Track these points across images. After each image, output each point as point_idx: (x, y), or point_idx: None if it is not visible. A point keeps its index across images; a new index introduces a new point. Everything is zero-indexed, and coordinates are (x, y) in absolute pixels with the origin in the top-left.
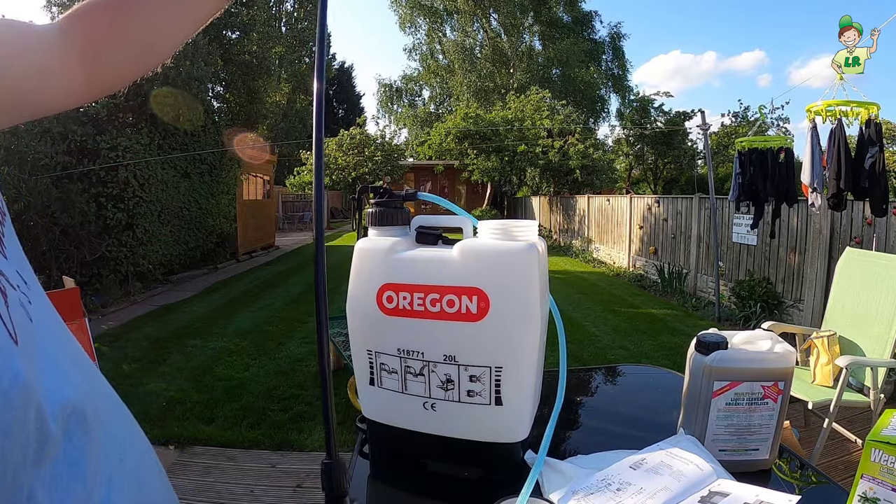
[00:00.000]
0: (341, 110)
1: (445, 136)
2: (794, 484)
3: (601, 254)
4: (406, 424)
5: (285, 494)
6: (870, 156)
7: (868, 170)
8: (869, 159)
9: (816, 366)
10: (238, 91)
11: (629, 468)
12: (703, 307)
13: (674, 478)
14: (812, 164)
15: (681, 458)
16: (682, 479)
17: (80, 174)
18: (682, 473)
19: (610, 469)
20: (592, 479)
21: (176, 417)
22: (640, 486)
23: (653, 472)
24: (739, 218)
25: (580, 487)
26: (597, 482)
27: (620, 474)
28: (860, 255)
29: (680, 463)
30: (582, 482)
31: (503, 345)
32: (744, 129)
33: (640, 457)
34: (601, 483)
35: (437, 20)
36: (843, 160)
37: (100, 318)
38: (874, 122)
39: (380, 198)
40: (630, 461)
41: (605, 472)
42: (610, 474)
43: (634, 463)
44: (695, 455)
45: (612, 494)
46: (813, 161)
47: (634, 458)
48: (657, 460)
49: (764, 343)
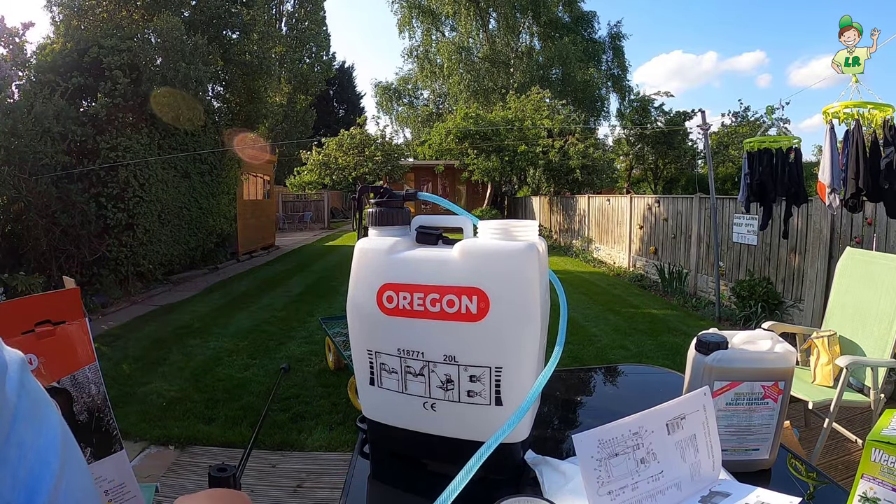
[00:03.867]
0: (341, 110)
1: (446, 136)
2: (795, 484)
3: (601, 254)
4: (406, 424)
5: (285, 494)
6: (885, 157)
7: (885, 170)
8: (885, 160)
9: (817, 366)
10: (238, 91)
11: (665, 426)
12: (704, 307)
13: (690, 471)
14: (832, 164)
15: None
16: (694, 478)
17: (80, 174)
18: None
19: (645, 419)
20: (624, 430)
21: (176, 417)
22: (661, 469)
23: (680, 449)
24: (740, 218)
25: (609, 437)
26: (627, 435)
27: (653, 435)
28: (860, 254)
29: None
30: (613, 430)
31: (503, 345)
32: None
33: (679, 414)
34: (630, 439)
35: (436, 21)
36: (861, 161)
37: (100, 317)
38: (889, 124)
39: (380, 198)
40: (669, 414)
41: (639, 422)
42: (643, 430)
43: (672, 421)
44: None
45: (633, 465)
46: (833, 162)
47: (673, 414)
48: (690, 432)
49: (764, 343)
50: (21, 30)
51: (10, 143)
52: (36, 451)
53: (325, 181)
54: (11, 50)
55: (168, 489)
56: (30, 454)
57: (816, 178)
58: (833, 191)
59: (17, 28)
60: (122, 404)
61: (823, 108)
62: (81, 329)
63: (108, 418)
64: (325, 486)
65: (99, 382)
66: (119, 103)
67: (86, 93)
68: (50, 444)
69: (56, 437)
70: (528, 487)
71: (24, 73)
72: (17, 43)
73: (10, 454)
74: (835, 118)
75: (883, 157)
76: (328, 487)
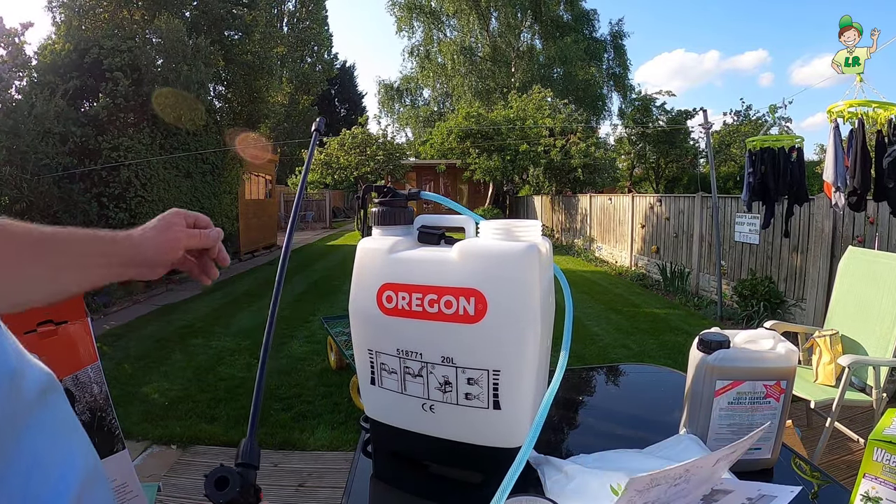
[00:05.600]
0: (343, 109)
1: (447, 136)
2: (798, 483)
3: (603, 253)
4: (406, 425)
5: (287, 494)
6: (887, 155)
7: (888, 169)
8: (888, 159)
9: (819, 365)
10: (240, 91)
11: (680, 475)
12: (706, 306)
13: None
14: (836, 163)
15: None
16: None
17: (81, 174)
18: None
19: (701, 463)
20: (680, 471)
21: (178, 417)
22: (687, 489)
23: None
24: (742, 217)
25: (661, 477)
26: (678, 474)
27: (700, 470)
28: (862, 254)
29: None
30: (669, 473)
31: (501, 348)
32: (745, 128)
33: (689, 466)
34: (677, 477)
35: (436, 21)
36: (865, 159)
37: (102, 317)
38: (894, 123)
39: (383, 197)
40: (722, 455)
41: (697, 462)
42: (695, 466)
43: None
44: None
45: (665, 488)
46: (836, 160)
47: (726, 453)
48: (701, 477)
49: (766, 342)
50: (20, 30)
51: (11, 143)
52: (53, 472)
53: (326, 181)
54: (10, 51)
55: (170, 488)
56: (45, 472)
57: (818, 177)
58: (838, 189)
59: (16, 29)
60: (125, 404)
61: (828, 107)
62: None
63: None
64: (326, 486)
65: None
66: (120, 104)
67: (87, 93)
68: (70, 470)
69: (78, 469)
70: (530, 487)
71: (24, 73)
72: (17, 44)
73: (21, 462)
74: (839, 117)
75: (886, 156)
76: (330, 487)
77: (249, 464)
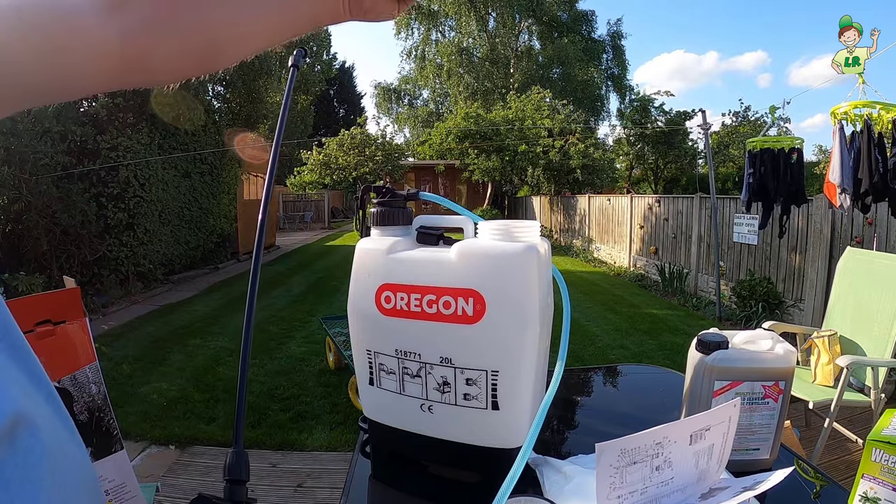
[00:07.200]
0: (342, 110)
1: (446, 136)
2: (800, 483)
3: (602, 253)
4: (404, 425)
5: (286, 494)
6: (892, 156)
7: (892, 169)
8: (892, 160)
9: (817, 365)
10: (238, 91)
11: (689, 437)
12: (704, 307)
13: (699, 476)
14: (841, 164)
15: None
16: (699, 481)
17: (80, 174)
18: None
19: (671, 431)
20: (648, 440)
21: (176, 417)
22: (672, 475)
23: (696, 457)
24: (740, 217)
25: (631, 447)
26: (650, 445)
27: (675, 445)
28: (861, 254)
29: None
30: (637, 440)
31: (500, 348)
32: (744, 128)
33: (705, 426)
34: (651, 448)
35: (434, 22)
36: (868, 161)
37: (101, 317)
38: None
39: (382, 197)
40: (696, 426)
41: (664, 432)
42: (667, 440)
43: (697, 433)
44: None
45: (648, 472)
46: (843, 162)
47: (700, 426)
48: (710, 442)
49: (765, 343)
50: None
51: (10, 143)
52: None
53: (325, 181)
54: None
55: (169, 489)
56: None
57: (817, 178)
58: (843, 191)
59: None
60: (123, 404)
61: (832, 109)
62: (82, 329)
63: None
64: (325, 486)
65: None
66: (119, 103)
67: None
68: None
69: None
70: (528, 487)
71: None
72: None
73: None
74: (843, 118)
75: (890, 157)
76: (329, 487)
77: (237, 479)
